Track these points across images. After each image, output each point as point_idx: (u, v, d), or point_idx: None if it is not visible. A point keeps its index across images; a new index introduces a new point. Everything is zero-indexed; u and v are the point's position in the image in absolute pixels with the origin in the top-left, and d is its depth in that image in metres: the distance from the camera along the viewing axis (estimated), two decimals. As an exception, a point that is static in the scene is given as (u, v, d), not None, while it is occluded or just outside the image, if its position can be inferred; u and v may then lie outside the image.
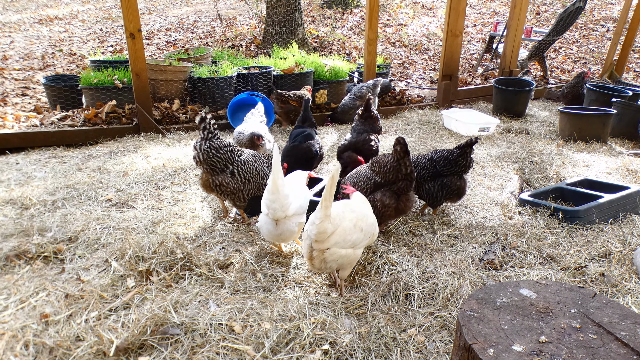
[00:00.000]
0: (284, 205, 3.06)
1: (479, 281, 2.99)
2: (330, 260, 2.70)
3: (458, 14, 7.98)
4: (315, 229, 2.60)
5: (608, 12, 15.93)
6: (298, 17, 11.67)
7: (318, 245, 2.66)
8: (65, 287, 2.85)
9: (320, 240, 2.64)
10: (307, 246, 2.72)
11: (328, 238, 2.65)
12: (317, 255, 2.69)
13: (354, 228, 2.74)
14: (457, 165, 3.87)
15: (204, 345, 2.38)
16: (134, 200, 4.16)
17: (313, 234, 2.62)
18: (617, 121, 6.50)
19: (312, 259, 2.72)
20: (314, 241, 2.65)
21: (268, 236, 3.23)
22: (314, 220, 2.61)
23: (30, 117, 6.35)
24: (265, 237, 3.27)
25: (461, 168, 3.90)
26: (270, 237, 3.22)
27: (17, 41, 11.95)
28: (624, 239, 3.56)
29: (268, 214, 3.09)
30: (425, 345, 2.48)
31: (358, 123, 4.79)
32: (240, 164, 3.72)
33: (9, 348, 2.33)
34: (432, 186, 3.90)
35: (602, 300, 1.93)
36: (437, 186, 3.89)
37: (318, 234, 2.61)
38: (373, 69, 7.71)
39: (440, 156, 3.92)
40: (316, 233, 2.61)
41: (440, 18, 15.64)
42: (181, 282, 2.95)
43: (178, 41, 12.44)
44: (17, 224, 3.58)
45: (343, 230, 2.69)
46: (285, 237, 3.19)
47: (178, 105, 6.83)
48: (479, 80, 10.36)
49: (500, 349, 1.64)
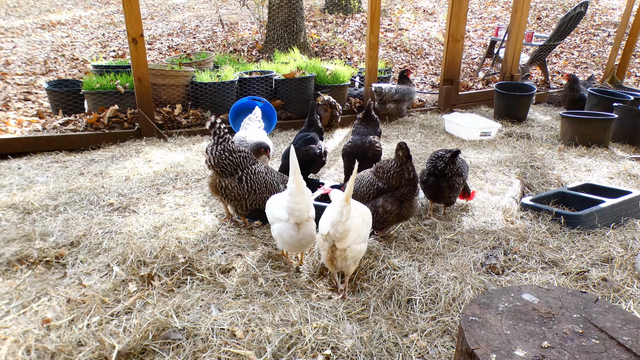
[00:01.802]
0: (309, 205, 3.01)
1: (481, 286, 2.99)
2: (349, 257, 2.78)
3: (459, 19, 8.00)
4: (342, 227, 2.65)
5: (609, 17, 15.95)
6: (299, 22, 11.71)
7: (341, 245, 2.72)
8: (67, 291, 2.85)
9: (343, 239, 2.71)
10: (328, 248, 2.76)
11: (349, 236, 2.72)
12: (340, 255, 2.75)
13: (363, 223, 2.85)
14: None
15: (205, 350, 2.37)
16: (135, 205, 4.17)
17: (339, 232, 2.66)
18: (618, 126, 6.50)
19: (333, 260, 2.78)
20: (338, 241, 2.71)
21: (289, 244, 3.09)
22: (334, 222, 2.66)
23: (32, 122, 6.37)
24: (285, 246, 3.16)
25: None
26: (292, 244, 3.08)
27: (20, 46, 12.00)
28: (626, 243, 3.55)
29: (289, 219, 2.99)
30: (427, 350, 2.47)
31: (359, 126, 4.79)
32: (250, 172, 3.71)
33: (10, 353, 2.33)
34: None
35: (604, 305, 1.93)
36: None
37: (344, 232, 2.67)
38: (374, 73, 7.73)
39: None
40: (342, 232, 2.66)
41: (442, 23, 15.68)
42: (183, 286, 2.95)
43: (180, 46, 12.48)
44: (19, 229, 3.59)
45: (357, 227, 2.78)
46: (306, 242, 3.09)
47: (180, 110, 6.85)
48: (480, 84, 10.37)
49: (503, 354, 1.63)
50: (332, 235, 2.70)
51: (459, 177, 4.03)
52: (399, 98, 7.50)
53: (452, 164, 3.93)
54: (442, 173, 3.94)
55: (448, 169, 3.92)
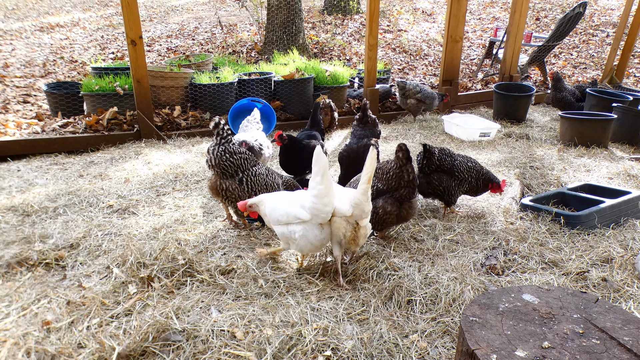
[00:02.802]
0: (333, 204, 2.96)
1: (481, 286, 2.99)
2: (365, 232, 3.03)
3: (458, 20, 8.01)
4: (368, 207, 2.91)
5: (608, 18, 15.98)
6: (298, 23, 11.72)
7: (364, 222, 2.97)
8: (66, 294, 2.85)
9: (366, 217, 2.97)
10: (352, 228, 2.95)
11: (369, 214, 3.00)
12: (362, 232, 2.99)
13: (367, 202, 2.95)
14: None
15: (205, 351, 2.37)
16: (135, 207, 4.17)
17: (365, 212, 2.91)
18: (617, 126, 6.51)
19: (356, 239, 2.98)
20: (361, 219, 2.94)
21: (313, 244, 3.02)
22: (358, 202, 2.86)
23: (31, 124, 6.36)
24: (307, 248, 3.07)
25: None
26: (316, 244, 3.02)
27: (19, 49, 12.00)
28: (626, 243, 3.55)
29: (312, 220, 2.95)
30: (428, 351, 2.47)
31: (357, 128, 4.77)
32: (251, 174, 3.70)
33: (10, 355, 2.33)
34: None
35: (604, 305, 1.93)
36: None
37: (369, 211, 2.94)
38: (373, 74, 7.73)
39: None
40: (367, 211, 2.92)
41: (440, 24, 15.70)
42: (183, 288, 2.94)
43: (179, 48, 12.49)
44: (19, 231, 3.58)
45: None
46: (327, 241, 3.06)
47: (179, 112, 6.85)
48: (479, 85, 10.38)
49: (504, 355, 1.63)
50: (356, 215, 2.91)
51: (443, 175, 4.08)
52: (422, 98, 7.58)
53: (427, 159, 4.09)
54: (420, 169, 4.16)
55: (423, 165, 4.13)
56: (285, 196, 3.20)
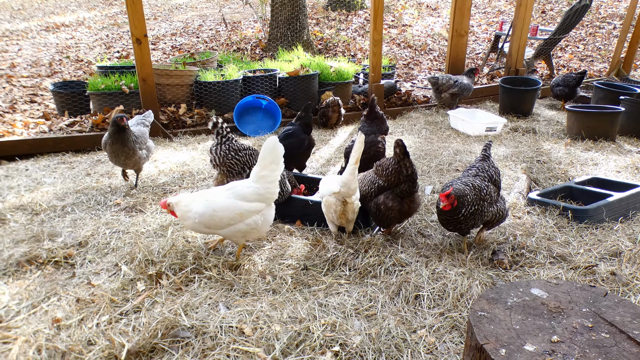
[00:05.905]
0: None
1: (488, 281, 2.98)
2: (354, 208, 3.44)
3: (463, 14, 7.97)
4: (354, 185, 3.34)
5: (614, 10, 15.83)
6: (302, 19, 11.70)
7: (351, 199, 3.38)
8: (76, 291, 2.88)
9: (353, 194, 3.37)
10: (340, 204, 3.39)
11: (356, 192, 3.42)
12: (349, 208, 3.40)
13: (354, 180, 3.34)
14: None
15: (214, 348, 2.38)
16: (142, 205, 4.19)
17: (351, 189, 3.32)
18: (625, 119, 6.45)
19: (345, 213, 3.42)
20: (349, 196, 3.35)
21: (271, 223, 3.33)
22: (346, 181, 3.29)
23: (38, 124, 6.41)
24: (267, 228, 3.32)
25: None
26: (271, 221, 3.33)
27: (25, 49, 12.07)
28: (635, 237, 3.53)
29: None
30: (436, 346, 2.47)
31: (365, 124, 4.77)
32: None
33: (22, 353, 2.35)
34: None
35: (613, 299, 1.92)
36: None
37: (355, 188, 3.37)
38: (378, 70, 7.71)
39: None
40: (354, 188, 3.34)
41: (445, 18, 15.61)
42: (191, 285, 2.96)
43: (184, 46, 12.50)
44: (28, 230, 3.62)
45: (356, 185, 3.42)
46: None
47: (185, 110, 6.87)
48: (485, 79, 10.33)
49: (512, 349, 1.63)
50: (343, 193, 3.32)
51: None
52: (458, 92, 7.71)
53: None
54: None
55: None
56: (215, 198, 3.11)
